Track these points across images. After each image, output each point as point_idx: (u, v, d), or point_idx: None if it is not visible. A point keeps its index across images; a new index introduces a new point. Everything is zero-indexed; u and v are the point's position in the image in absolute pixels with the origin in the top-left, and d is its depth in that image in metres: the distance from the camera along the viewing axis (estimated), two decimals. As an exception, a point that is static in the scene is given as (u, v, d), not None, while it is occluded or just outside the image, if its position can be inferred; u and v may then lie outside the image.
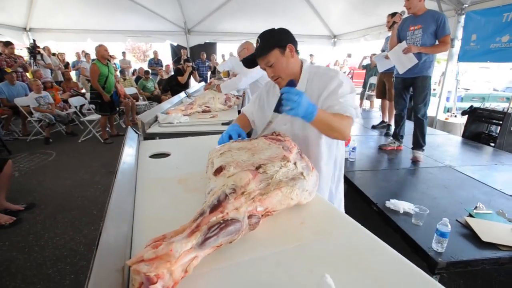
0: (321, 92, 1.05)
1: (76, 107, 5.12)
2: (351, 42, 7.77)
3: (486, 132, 3.64)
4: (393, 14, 3.39)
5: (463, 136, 3.73)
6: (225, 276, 0.61)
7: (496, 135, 3.38)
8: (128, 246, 0.68)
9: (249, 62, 1.12)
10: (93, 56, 6.15)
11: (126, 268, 0.58)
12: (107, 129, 5.03)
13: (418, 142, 2.74)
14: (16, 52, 5.75)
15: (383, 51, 3.60)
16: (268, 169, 0.78)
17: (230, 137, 1.11)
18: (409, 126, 3.16)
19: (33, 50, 6.01)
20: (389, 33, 3.67)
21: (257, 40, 1.06)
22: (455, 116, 4.87)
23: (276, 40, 1.05)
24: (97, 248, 0.57)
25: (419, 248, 1.43)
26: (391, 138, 3.13)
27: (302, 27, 7.54)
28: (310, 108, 0.89)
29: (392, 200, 1.82)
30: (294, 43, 1.09)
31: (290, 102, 0.85)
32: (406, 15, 2.77)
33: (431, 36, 2.51)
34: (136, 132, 1.66)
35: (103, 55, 4.30)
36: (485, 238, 1.45)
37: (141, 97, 7.02)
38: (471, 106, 3.77)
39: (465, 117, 3.88)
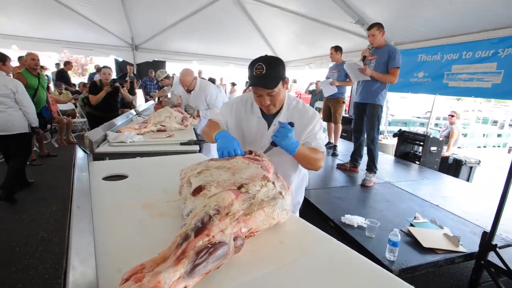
0: (303, 128, 1.21)
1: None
2: (297, 69, 8.39)
3: (412, 152, 4.24)
4: (336, 48, 3.81)
5: (395, 155, 4.28)
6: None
7: (420, 154, 3.96)
8: (94, 284, 0.58)
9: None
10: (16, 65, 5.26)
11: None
12: (35, 148, 4.36)
13: (369, 165, 2.94)
14: None
15: (328, 78, 3.98)
16: (250, 189, 0.77)
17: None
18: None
19: None
20: (332, 63, 4.12)
21: (260, 67, 1.04)
22: (387, 138, 5.57)
23: (282, 73, 1.11)
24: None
25: (374, 258, 1.55)
26: (350, 160, 3.29)
27: (252, 52, 7.88)
28: (295, 143, 1.06)
29: (346, 216, 1.95)
30: None
31: (281, 134, 1.03)
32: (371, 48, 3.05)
33: (383, 67, 2.78)
34: (85, 152, 1.48)
35: (30, 65, 3.73)
36: (426, 244, 1.65)
37: (78, 114, 6.34)
38: (400, 130, 4.37)
39: (395, 139, 4.46)
